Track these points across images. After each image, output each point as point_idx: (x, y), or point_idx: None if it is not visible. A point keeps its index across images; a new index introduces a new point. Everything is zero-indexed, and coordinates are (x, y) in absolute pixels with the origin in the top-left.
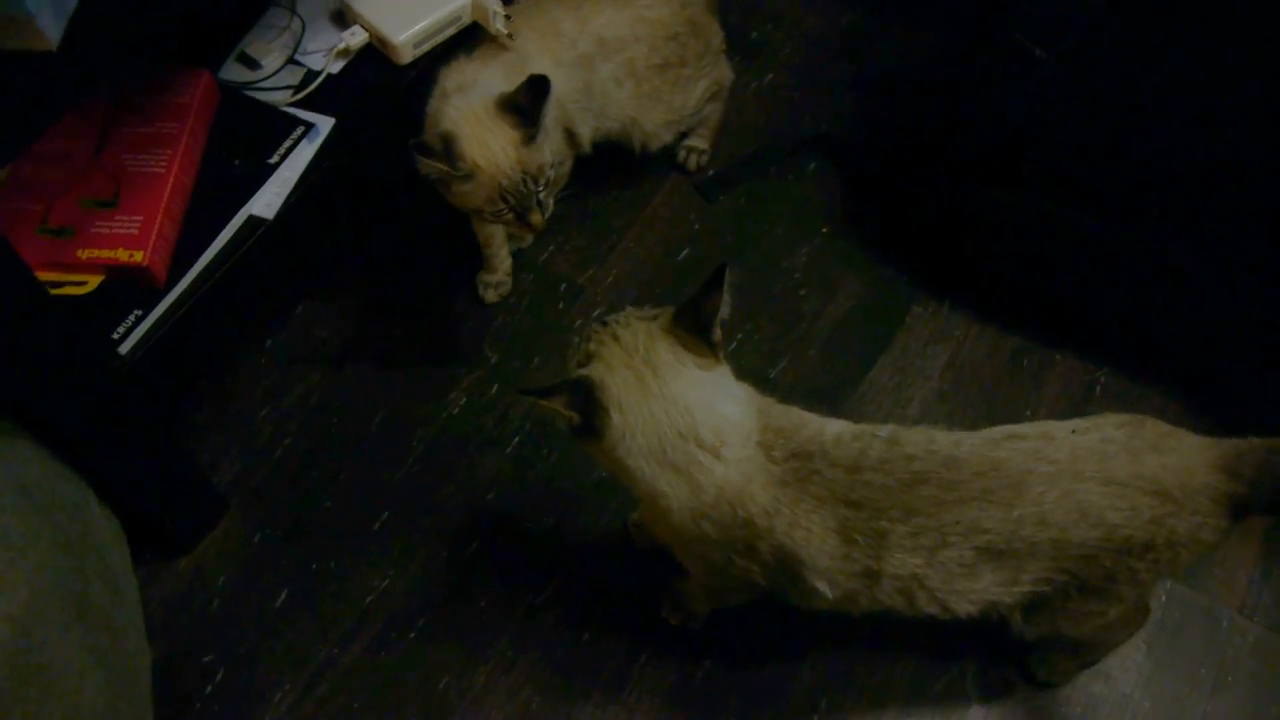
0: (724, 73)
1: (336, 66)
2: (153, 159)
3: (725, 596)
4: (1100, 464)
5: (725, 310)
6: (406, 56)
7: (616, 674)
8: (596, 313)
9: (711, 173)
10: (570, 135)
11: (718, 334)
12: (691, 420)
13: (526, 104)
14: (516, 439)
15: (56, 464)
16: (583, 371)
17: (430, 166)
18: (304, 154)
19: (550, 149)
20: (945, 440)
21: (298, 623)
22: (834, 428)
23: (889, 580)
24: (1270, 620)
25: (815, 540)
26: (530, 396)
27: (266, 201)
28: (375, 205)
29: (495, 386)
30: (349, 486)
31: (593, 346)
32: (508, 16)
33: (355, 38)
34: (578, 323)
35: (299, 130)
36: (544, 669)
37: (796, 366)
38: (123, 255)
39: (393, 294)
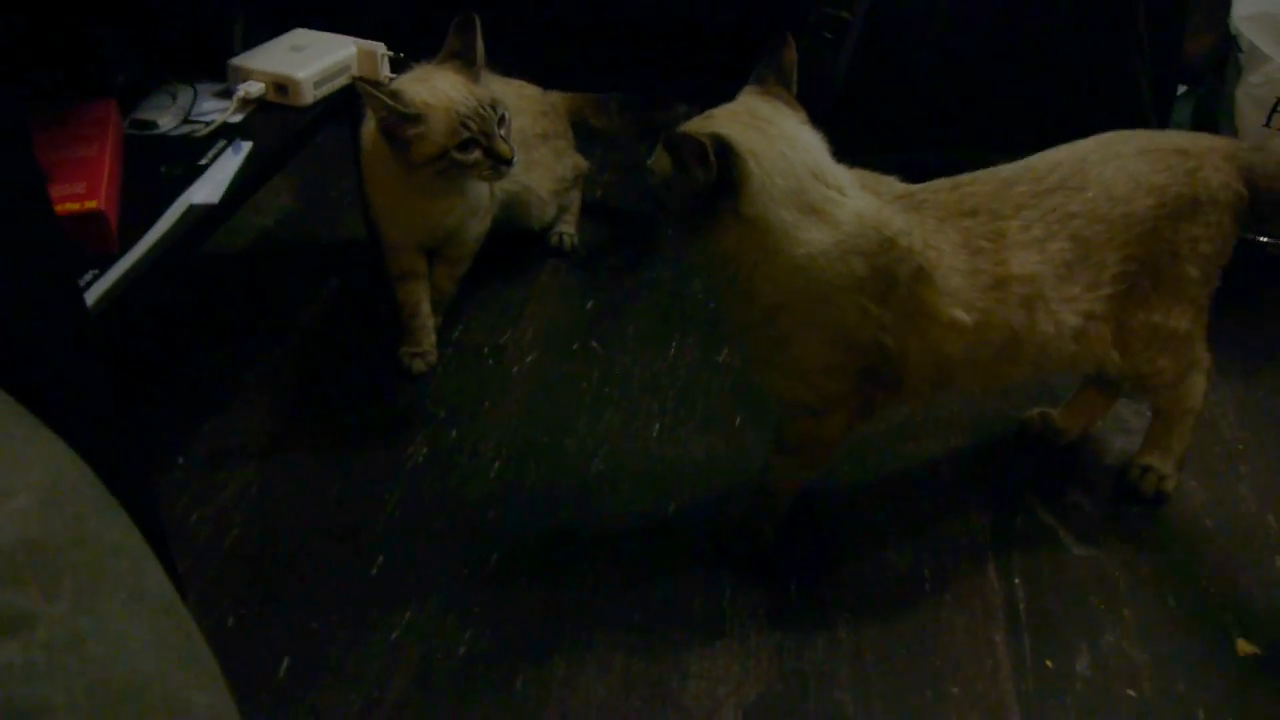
0: (580, 161)
1: (236, 118)
2: (81, 151)
3: (816, 432)
4: (1128, 142)
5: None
6: (308, 97)
7: (708, 615)
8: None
9: (583, 252)
10: None
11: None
12: (816, 160)
13: (461, 48)
14: (496, 464)
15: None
16: (704, 129)
17: (378, 104)
18: (231, 161)
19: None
20: (1006, 164)
21: (316, 683)
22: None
23: (1016, 287)
24: None
25: (946, 258)
26: (664, 144)
27: (206, 194)
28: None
29: (454, 431)
30: (324, 550)
31: (691, 125)
32: (395, 58)
33: (253, 89)
34: (514, 369)
35: (222, 142)
36: (627, 635)
37: (736, 358)
38: (73, 206)
39: (309, 385)
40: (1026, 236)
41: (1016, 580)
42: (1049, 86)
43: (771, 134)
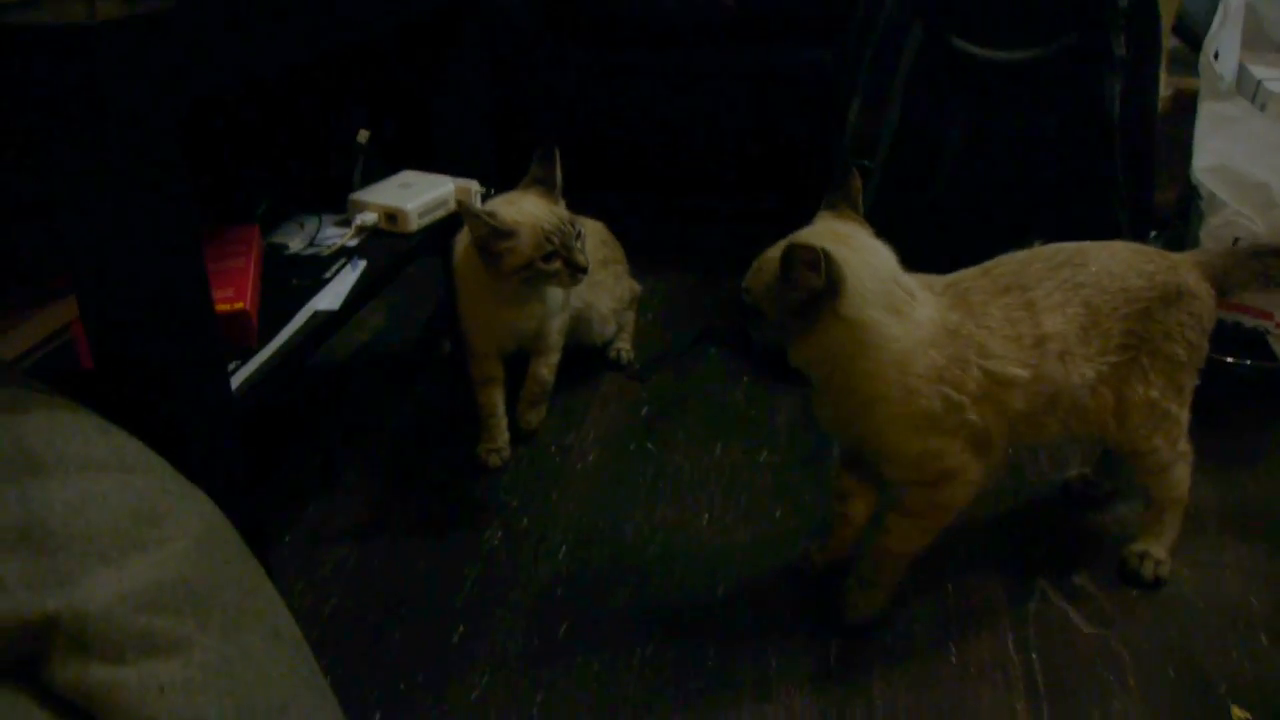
0: (635, 284)
1: (354, 242)
2: (231, 263)
3: (936, 499)
4: (1116, 243)
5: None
6: (414, 225)
7: (756, 682)
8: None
9: (638, 365)
10: None
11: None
12: (892, 268)
13: (542, 175)
14: (564, 548)
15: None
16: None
17: (477, 224)
18: (350, 276)
19: None
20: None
21: None
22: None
23: (1051, 344)
24: None
25: (996, 332)
26: (783, 255)
27: (328, 301)
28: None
29: (525, 519)
30: (411, 619)
31: (779, 246)
32: (486, 193)
33: (368, 218)
34: (578, 465)
35: (343, 260)
36: (683, 700)
37: (775, 456)
38: (225, 306)
39: (398, 477)
40: (1050, 302)
41: (1034, 655)
42: (1043, 222)
43: (855, 246)
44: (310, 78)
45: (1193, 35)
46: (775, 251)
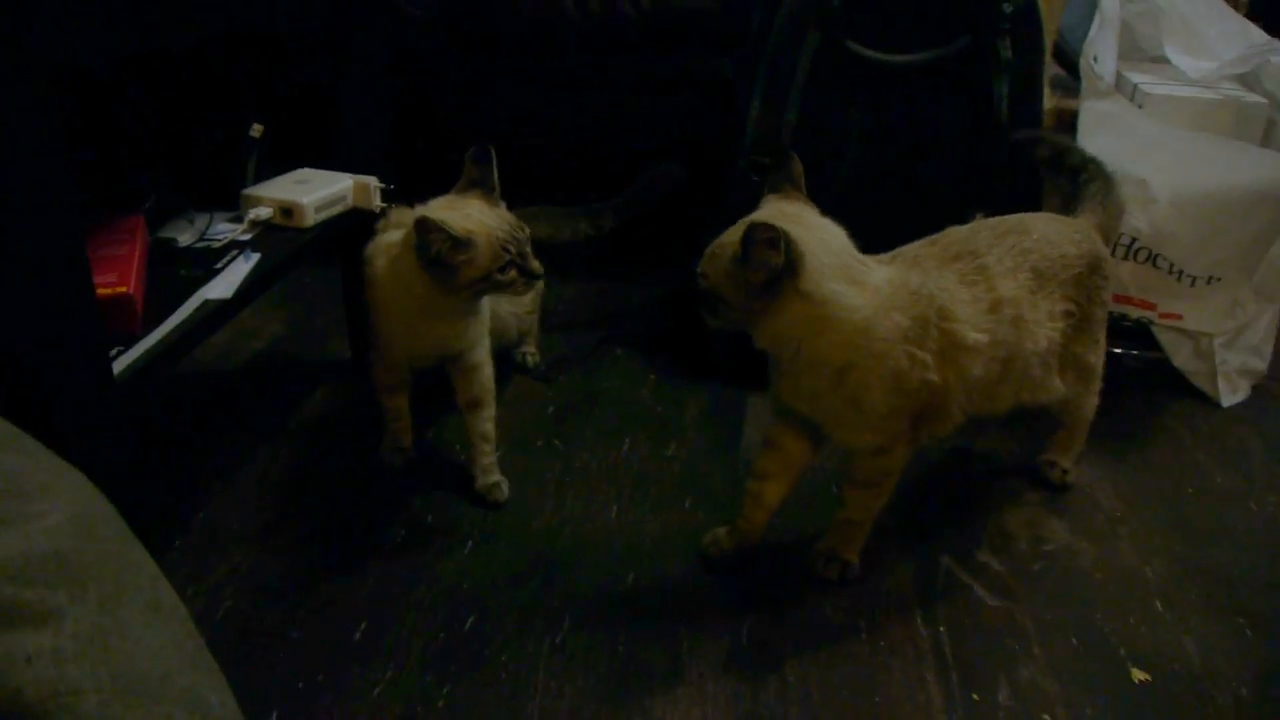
0: (540, 287)
1: (246, 236)
2: (114, 250)
3: (886, 465)
4: (1047, 216)
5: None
6: (309, 219)
7: (667, 665)
8: None
9: (544, 367)
10: None
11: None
12: (844, 242)
13: (479, 177)
14: (470, 543)
15: None
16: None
17: (437, 237)
18: (242, 267)
19: None
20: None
21: None
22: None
23: (1006, 309)
24: None
25: (953, 292)
26: (746, 240)
27: (220, 290)
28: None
29: (430, 516)
30: (310, 620)
31: (735, 229)
32: (386, 189)
33: (262, 212)
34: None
35: (234, 251)
36: (595, 682)
37: (683, 449)
38: (106, 290)
39: (297, 480)
40: (1001, 267)
41: (941, 628)
42: (938, 202)
43: (807, 224)
44: (200, 72)
45: (1069, 60)
46: (732, 235)
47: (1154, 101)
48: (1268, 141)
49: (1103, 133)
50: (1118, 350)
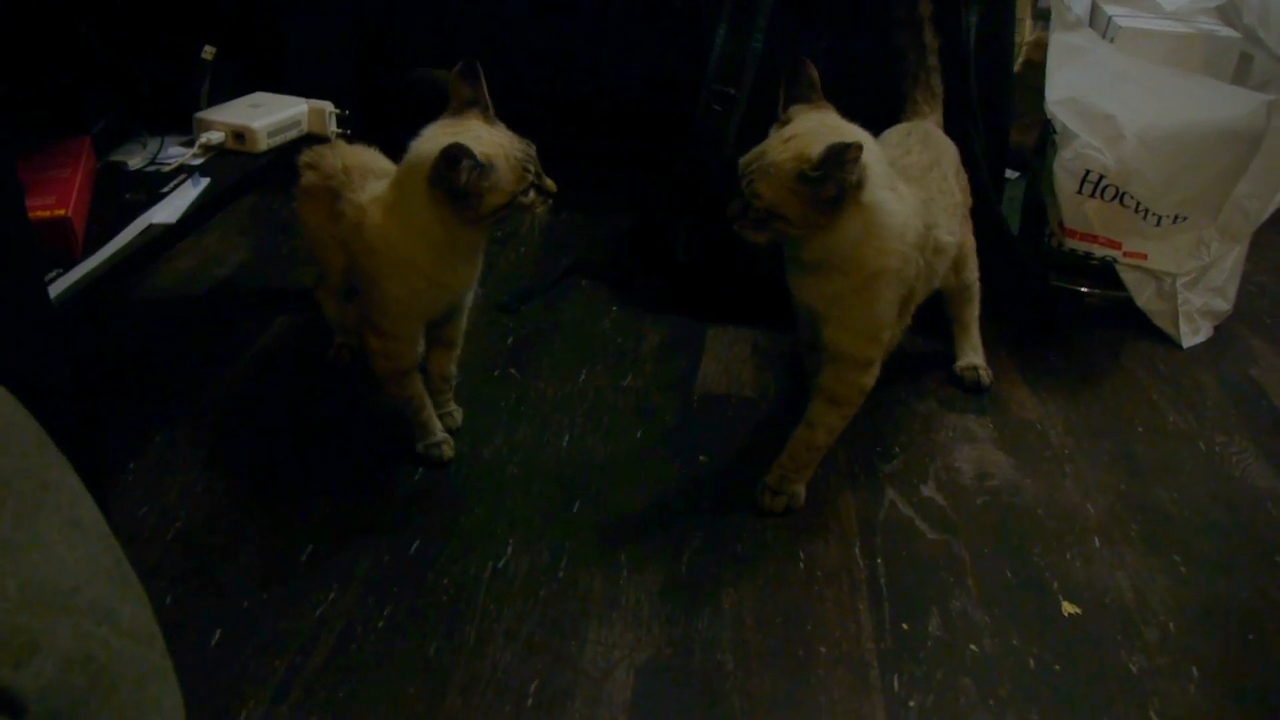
0: None
1: (197, 160)
2: (56, 174)
3: (860, 381)
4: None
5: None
6: (262, 144)
7: (606, 591)
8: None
9: (506, 297)
10: None
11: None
12: (878, 148)
13: (473, 96)
14: (420, 470)
15: None
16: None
17: (465, 171)
18: (190, 192)
19: None
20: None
21: (242, 652)
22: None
23: (960, 210)
24: None
25: (936, 200)
26: (829, 159)
27: (165, 215)
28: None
29: (382, 442)
30: (259, 540)
31: (800, 141)
32: (342, 114)
33: (214, 136)
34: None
35: (181, 176)
36: (534, 607)
37: (639, 380)
38: (44, 213)
39: (252, 406)
40: (952, 171)
41: (879, 560)
42: None
43: (854, 133)
44: None
45: None
46: (783, 152)
47: (1126, 35)
48: (1242, 76)
49: (1071, 66)
50: (1084, 289)
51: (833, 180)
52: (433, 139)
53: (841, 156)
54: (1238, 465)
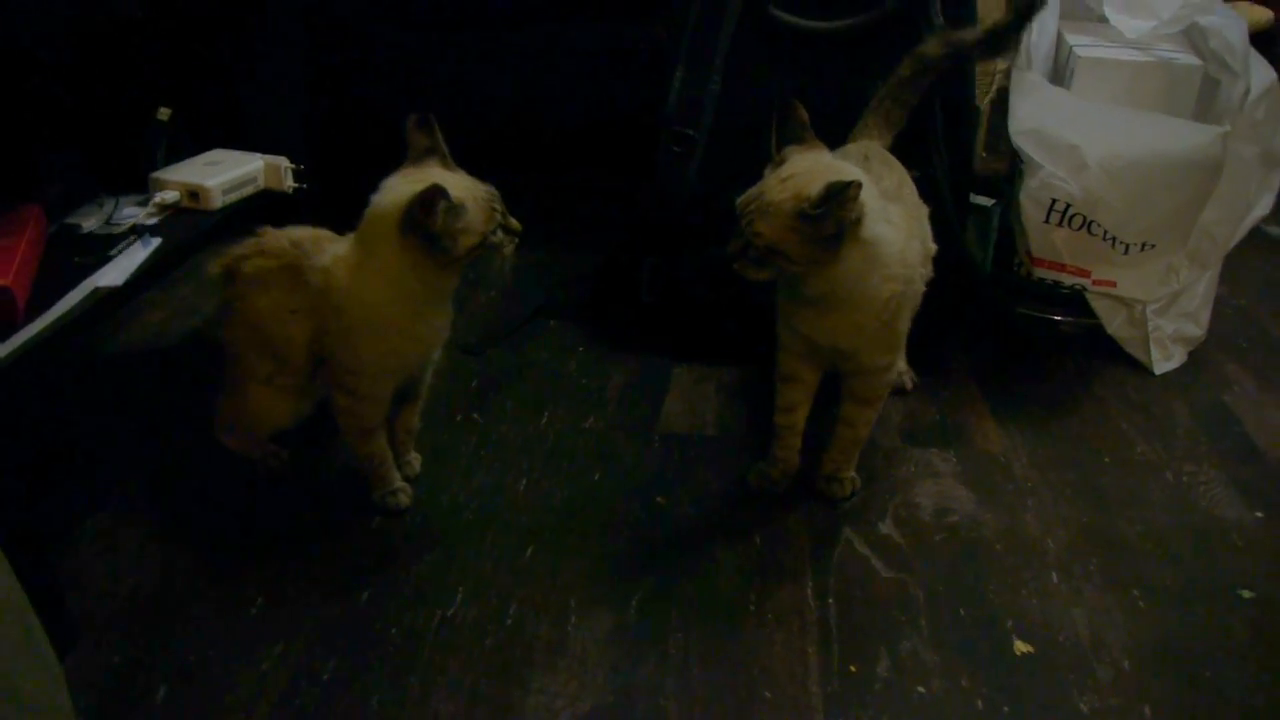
0: None
1: (151, 220)
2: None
3: (888, 379)
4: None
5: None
6: (217, 202)
7: (553, 638)
8: None
9: (473, 339)
10: None
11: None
12: (870, 182)
13: (431, 145)
14: (376, 519)
15: None
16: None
17: (441, 214)
18: (139, 253)
19: None
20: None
21: (188, 707)
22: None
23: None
24: None
25: (919, 216)
26: (828, 197)
27: (111, 278)
28: None
29: (336, 494)
30: (211, 594)
31: (799, 181)
32: (297, 169)
33: (168, 196)
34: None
35: (131, 237)
36: (479, 657)
37: (601, 421)
38: None
39: (215, 459)
40: (912, 187)
41: (831, 600)
42: None
43: (849, 172)
44: (109, 59)
45: None
46: (781, 192)
47: (1085, 65)
48: (1205, 102)
49: (1031, 99)
50: (1057, 318)
51: (831, 217)
52: (395, 189)
53: (842, 195)
54: (1205, 495)
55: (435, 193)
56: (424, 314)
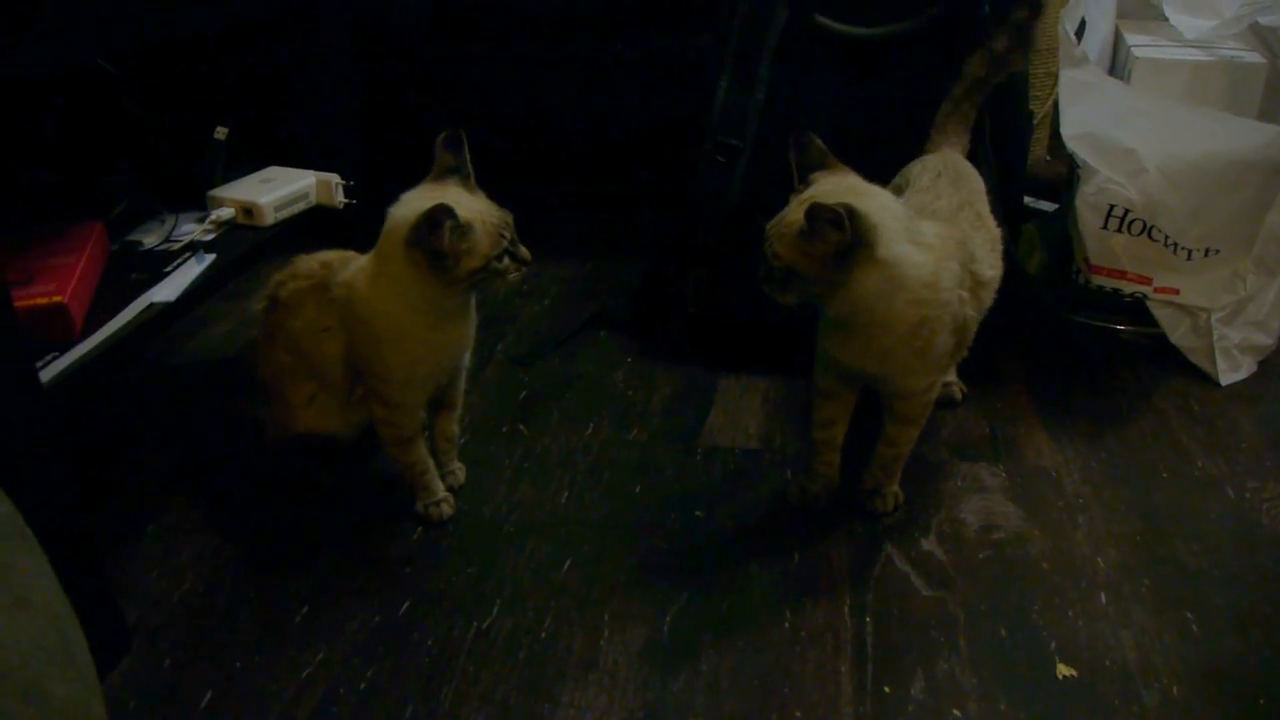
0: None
1: (207, 237)
2: (62, 260)
3: (928, 398)
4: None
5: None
6: (269, 219)
7: (586, 652)
8: None
9: (523, 350)
10: None
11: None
12: (898, 204)
13: (455, 164)
14: (418, 530)
15: None
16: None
17: (447, 232)
18: (194, 269)
19: None
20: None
21: (230, 711)
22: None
23: (998, 244)
24: None
25: (970, 236)
26: (813, 226)
27: (166, 293)
28: None
29: (381, 502)
30: (260, 601)
31: (800, 207)
32: (348, 185)
33: (224, 213)
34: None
35: (187, 254)
36: (511, 671)
37: (645, 433)
38: (42, 300)
39: (270, 469)
40: (984, 209)
41: (868, 619)
42: None
43: (869, 194)
44: (168, 80)
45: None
46: (797, 213)
47: (1143, 66)
48: (1271, 101)
49: (1085, 101)
50: (1119, 326)
51: (820, 238)
52: (411, 204)
53: (817, 217)
54: (1268, 512)
55: (441, 211)
56: (440, 324)
